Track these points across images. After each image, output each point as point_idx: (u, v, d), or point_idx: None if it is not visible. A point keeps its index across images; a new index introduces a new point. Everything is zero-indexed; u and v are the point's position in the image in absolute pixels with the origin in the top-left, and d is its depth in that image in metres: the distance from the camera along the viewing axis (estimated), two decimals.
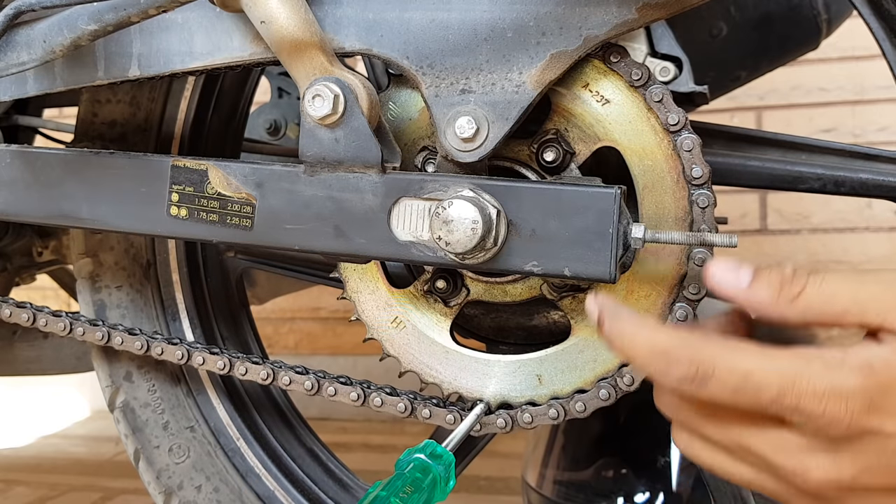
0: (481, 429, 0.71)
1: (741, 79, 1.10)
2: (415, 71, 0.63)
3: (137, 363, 0.88)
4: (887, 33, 0.69)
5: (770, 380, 0.45)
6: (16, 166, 0.73)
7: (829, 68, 1.89)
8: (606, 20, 0.59)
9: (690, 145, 0.62)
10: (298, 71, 0.62)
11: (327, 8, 0.64)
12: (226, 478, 0.87)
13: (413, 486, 0.58)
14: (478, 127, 0.61)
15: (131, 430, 0.88)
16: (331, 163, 0.62)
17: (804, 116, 1.92)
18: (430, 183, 0.60)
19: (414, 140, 0.69)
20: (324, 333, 2.26)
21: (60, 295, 2.18)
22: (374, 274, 0.74)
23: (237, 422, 0.88)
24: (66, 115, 1.98)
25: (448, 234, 0.58)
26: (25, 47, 0.65)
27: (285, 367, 0.77)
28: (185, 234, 0.68)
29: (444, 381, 0.72)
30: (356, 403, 0.74)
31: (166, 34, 0.67)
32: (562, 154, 0.66)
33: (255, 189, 0.65)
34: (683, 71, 0.71)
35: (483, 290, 0.71)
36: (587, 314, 0.52)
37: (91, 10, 0.60)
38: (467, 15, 0.61)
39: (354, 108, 0.60)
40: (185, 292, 0.89)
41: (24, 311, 0.83)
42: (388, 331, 0.73)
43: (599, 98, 0.64)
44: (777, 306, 0.48)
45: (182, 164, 0.67)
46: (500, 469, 1.65)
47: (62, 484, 1.75)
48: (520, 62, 0.61)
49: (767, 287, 0.48)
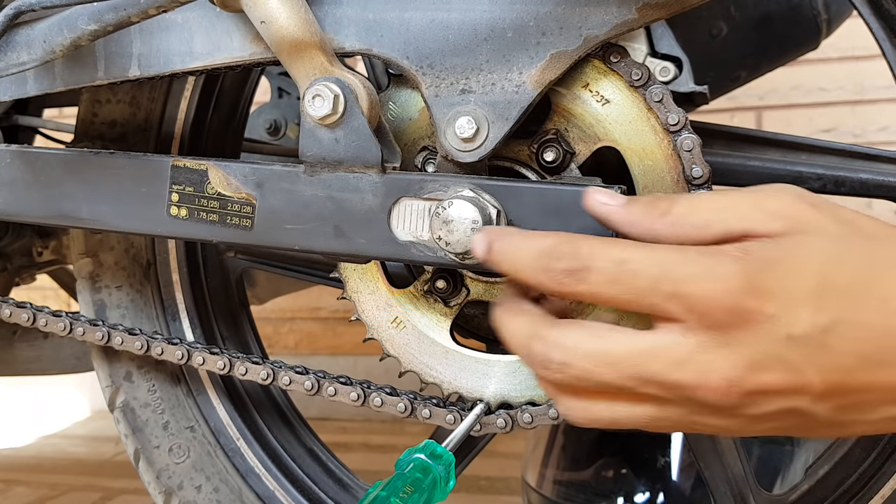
0: (481, 429, 0.71)
1: (741, 79, 1.10)
2: (415, 71, 0.63)
3: (137, 363, 0.88)
4: (887, 33, 0.69)
5: (645, 265, 0.44)
6: (16, 166, 0.73)
7: (829, 68, 1.89)
8: (606, 20, 0.59)
9: (690, 145, 0.62)
10: (298, 71, 0.62)
11: (327, 8, 0.64)
12: (226, 478, 0.87)
13: (413, 486, 0.58)
14: (478, 127, 0.61)
15: (131, 430, 0.88)
16: (331, 163, 0.62)
17: (804, 116, 1.92)
18: (430, 183, 0.60)
19: (414, 140, 0.69)
20: (324, 333, 2.26)
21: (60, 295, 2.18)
22: (374, 274, 0.74)
23: (237, 422, 0.88)
24: (66, 115, 1.98)
25: (448, 234, 0.58)
26: (25, 47, 0.65)
27: (285, 367, 0.77)
28: (185, 234, 0.68)
29: (444, 381, 0.72)
30: (356, 403, 0.74)
31: (166, 34, 0.67)
32: (562, 154, 0.66)
33: (255, 189, 0.65)
34: (683, 71, 0.71)
35: (483, 290, 0.71)
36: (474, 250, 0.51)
37: (91, 10, 0.60)
38: (467, 15, 0.61)
39: (354, 108, 0.61)
40: (185, 292, 0.89)
41: (24, 311, 0.83)
42: (388, 331, 0.73)
43: (599, 98, 0.64)
44: (648, 220, 0.48)
45: (182, 164, 0.67)
46: (500, 469, 1.65)
47: (62, 484, 1.75)
48: (520, 62, 0.61)
49: (641, 206, 0.49)
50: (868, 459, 0.72)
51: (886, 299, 0.43)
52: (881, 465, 0.71)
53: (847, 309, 0.43)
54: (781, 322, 0.43)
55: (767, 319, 0.43)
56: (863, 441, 0.73)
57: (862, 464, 0.73)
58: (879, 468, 0.71)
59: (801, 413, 0.44)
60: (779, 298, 0.43)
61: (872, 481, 0.71)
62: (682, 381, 0.44)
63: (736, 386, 0.43)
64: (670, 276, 0.44)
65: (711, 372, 0.43)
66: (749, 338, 0.43)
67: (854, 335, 0.43)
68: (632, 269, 0.45)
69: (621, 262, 0.45)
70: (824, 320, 0.42)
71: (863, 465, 0.73)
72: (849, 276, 0.43)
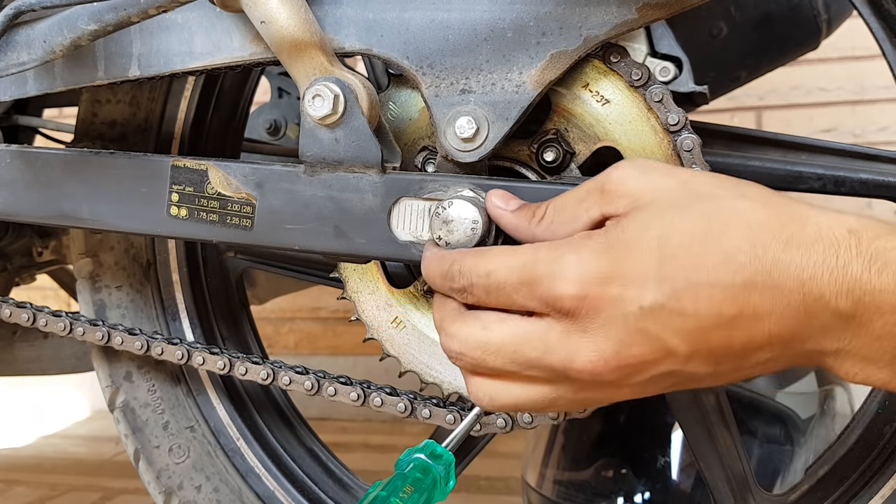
0: (481, 429, 0.71)
1: (741, 79, 1.10)
2: (415, 71, 0.63)
3: (137, 363, 0.88)
4: (887, 33, 0.69)
5: (506, 274, 0.49)
6: (16, 166, 0.73)
7: (829, 68, 1.88)
8: (606, 20, 0.59)
9: (690, 145, 0.62)
10: (298, 71, 0.62)
11: (327, 8, 0.63)
12: (226, 478, 0.87)
13: (413, 486, 0.58)
14: (478, 127, 0.61)
15: (131, 430, 0.88)
16: (331, 163, 0.62)
17: (804, 116, 1.92)
18: (430, 183, 0.60)
19: (414, 140, 0.69)
20: (324, 333, 2.26)
21: (60, 295, 2.18)
22: (374, 274, 0.74)
23: (237, 422, 0.88)
24: (66, 115, 1.98)
25: (448, 234, 0.58)
26: (25, 47, 0.65)
27: (285, 367, 0.77)
28: (185, 234, 0.68)
29: (444, 381, 0.72)
30: (356, 403, 0.74)
31: (166, 34, 0.67)
32: (562, 154, 0.66)
33: (255, 189, 0.65)
34: (683, 71, 0.71)
35: None
36: None
37: (91, 10, 0.60)
38: (467, 15, 0.61)
39: (354, 108, 0.60)
40: (185, 292, 0.89)
41: (24, 311, 0.83)
42: (388, 331, 0.74)
43: (599, 98, 0.64)
44: (529, 228, 0.53)
45: (182, 164, 0.67)
46: (500, 469, 1.65)
47: (62, 484, 1.75)
48: (520, 62, 0.61)
49: (525, 211, 0.53)
50: (868, 459, 0.72)
51: (727, 256, 0.44)
52: (881, 465, 0.71)
53: (690, 272, 0.44)
54: (628, 299, 0.45)
55: (614, 300, 0.45)
56: (863, 441, 0.73)
57: (862, 464, 0.73)
58: (879, 468, 0.71)
59: (679, 374, 0.47)
60: (622, 278, 0.45)
61: (872, 481, 0.71)
62: (554, 364, 0.48)
63: (603, 364, 0.46)
64: (526, 278, 0.48)
65: (576, 355, 0.47)
66: (602, 320, 0.46)
67: (702, 295, 0.44)
68: (497, 279, 0.50)
69: (488, 275, 0.50)
70: (670, 287, 0.44)
71: (863, 465, 0.73)
72: (686, 241, 0.45)
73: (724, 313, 0.44)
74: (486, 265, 0.50)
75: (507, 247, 0.51)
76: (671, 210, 0.46)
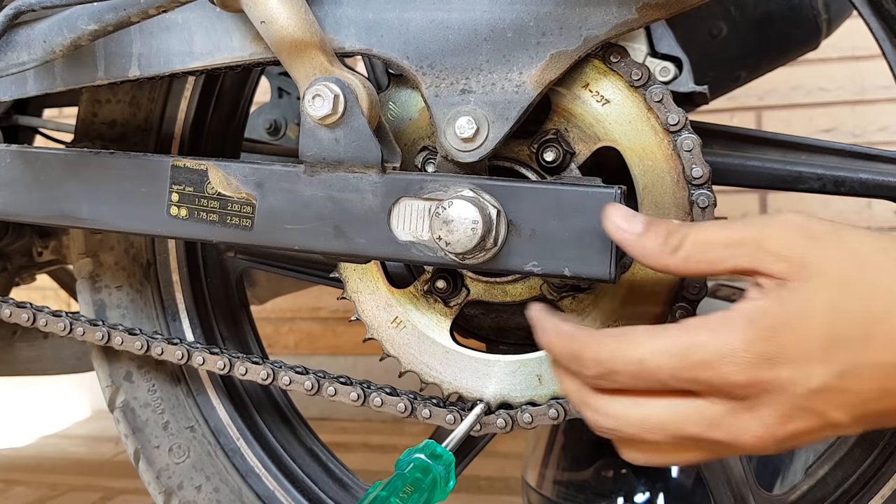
0: (481, 429, 0.71)
1: (741, 79, 1.10)
2: (415, 71, 0.63)
3: (137, 363, 0.88)
4: (887, 33, 0.69)
5: (661, 361, 0.47)
6: (16, 166, 0.73)
7: (829, 68, 1.88)
8: (606, 20, 0.59)
9: (690, 145, 0.62)
10: (298, 71, 0.62)
11: (327, 8, 0.64)
12: (226, 478, 0.87)
13: (413, 486, 0.58)
14: (478, 127, 0.61)
15: (131, 430, 0.88)
16: (331, 163, 0.62)
17: (804, 116, 1.92)
18: (430, 183, 0.60)
19: (414, 140, 0.69)
20: (324, 333, 2.26)
21: (60, 295, 2.18)
22: (374, 274, 0.74)
23: (237, 422, 0.88)
24: (66, 115, 1.98)
25: (448, 234, 0.58)
26: (25, 47, 0.65)
27: (285, 367, 0.77)
28: (185, 234, 0.68)
29: (444, 381, 0.72)
30: (356, 403, 0.74)
31: (166, 34, 0.67)
32: (562, 154, 0.66)
33: (255, 189, 0.65)
34: (683, 71, 0.71)
35: (483, 290, 0.71)
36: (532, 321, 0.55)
37: (91, 10, 0.60)
38: (467, 15, 0.61)
39: (354, 108, 0.60)
40: (185, 292, 0.89)
41: (24, 311, 0.83)
42: (388, 331, 0.73)
43: (599, 98, 0.64)
44: (661, 257, 0.50)
45: (182, 164, 0.67)
46: (500, 469, 1.65)
47: (62, 484, 1.75)
48: (520, 62, 0.61)
49: (654, 237, 0.50)
50: (868, 459, 0.72)
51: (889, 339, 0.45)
52: (881, 465, 0.71)
53: (856, 353, 0.46)
54: (798, 381, 0.46)
55: (784, 383, 0.46)
56: (863, 441, 0.73)
57: (862, 464, 0.73)
58: (879, 468, 0.71)
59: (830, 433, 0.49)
60: (790, 361, 0.46)
61: (872, 481, 0.71)
62: (719, 440, 0.48)
63: (770, 439, 0.47)
64: (686, 364, 0.47)
65: (744, 432, 0.47)
66: (771, 400, 0.46)
67: (866, 374, 0.46)
68: (651, 366, 0.48)
69: (640, 362, 0.48)
70: (837, 369, 0.46)
71: (863, 465, 0.73)
72: (853, 323, 0.46)
73: (886, 388, 0.46)
74: (634, 353, 0.48)
75: (650, 328, 0.49)
76: (838, 288, 0.46)
